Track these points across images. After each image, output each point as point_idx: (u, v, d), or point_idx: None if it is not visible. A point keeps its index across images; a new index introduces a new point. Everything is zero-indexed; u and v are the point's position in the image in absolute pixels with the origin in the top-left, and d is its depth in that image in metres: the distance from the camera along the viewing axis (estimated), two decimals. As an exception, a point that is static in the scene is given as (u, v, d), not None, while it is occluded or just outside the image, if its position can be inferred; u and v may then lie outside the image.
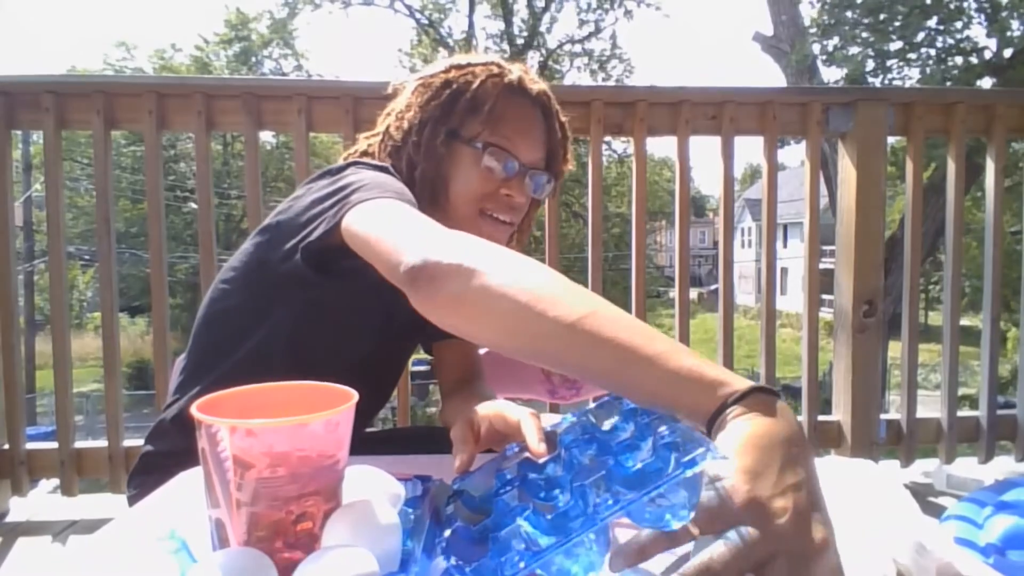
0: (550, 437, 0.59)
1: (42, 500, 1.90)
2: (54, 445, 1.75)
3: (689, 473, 0.42)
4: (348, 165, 0.87)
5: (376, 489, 0.54)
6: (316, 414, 0.45)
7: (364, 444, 0.76)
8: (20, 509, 1.78)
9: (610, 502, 0.44)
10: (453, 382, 1.04)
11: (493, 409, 0.73)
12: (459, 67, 0.96)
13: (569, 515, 0.46)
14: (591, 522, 0.44)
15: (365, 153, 1.01)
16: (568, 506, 0.47)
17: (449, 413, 0.93)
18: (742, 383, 0.46)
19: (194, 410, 0.45)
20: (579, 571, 0.45)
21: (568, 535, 0.44)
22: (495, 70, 0.95)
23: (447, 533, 0.50)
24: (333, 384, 0.53)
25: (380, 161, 0.95)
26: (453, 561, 0.47)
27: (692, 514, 0.44)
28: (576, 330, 0.52)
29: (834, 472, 0.49)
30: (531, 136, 0.95)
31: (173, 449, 0.90)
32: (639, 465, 0.47)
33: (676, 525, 0.46)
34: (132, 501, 0.93)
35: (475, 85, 0.93)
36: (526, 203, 0.98)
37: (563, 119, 1.01)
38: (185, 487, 0.50)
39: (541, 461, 0.57)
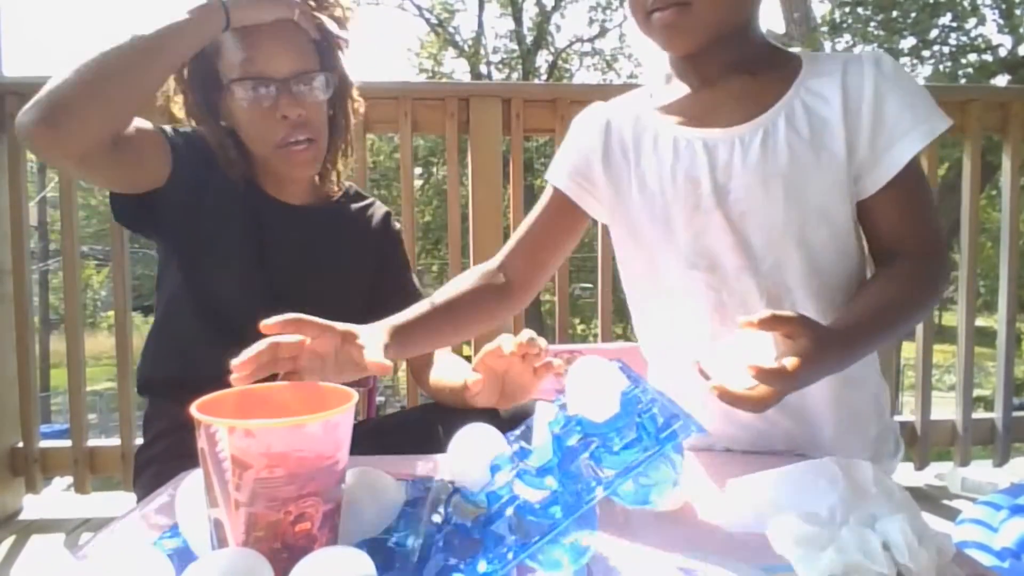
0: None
1: (55, 498, 1.92)
2: (68, 443, 1.77)
3: (669, 448, 0.48)
4: None
5: (376, 488, 0.54)
6: (314, 415, 0.45)
7: (366, 438, 0.77)
8: (34, 506, 1.79)
9: (592, 484, 0.46)
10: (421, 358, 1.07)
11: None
12: None
13: (557, 501, 0.48)
14: (575, 508, 0.45)
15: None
16: (556, 493, 0.48)
17: (426, 382, 1.04)
18: None
19: (193, 410, 0.45)
20: (567, 556, 0.45)
21: (555, 522, 0.45)
22: None
23: (445, 531, 0.50)
24: (334, 385, 0.53)
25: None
26: (452, 561, 0.47)
27: (678, 488, 0.51)
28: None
29: (833, 472, 0.48)
30: (279, 48, 0.89)
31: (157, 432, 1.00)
32: (621, 444, 0.49)
33: (660, 503, 0.50)
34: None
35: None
36: (312, 114, 0.93)
37: (322, 11, 0.92)
38: (187, 486, 0.50)
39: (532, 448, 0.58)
